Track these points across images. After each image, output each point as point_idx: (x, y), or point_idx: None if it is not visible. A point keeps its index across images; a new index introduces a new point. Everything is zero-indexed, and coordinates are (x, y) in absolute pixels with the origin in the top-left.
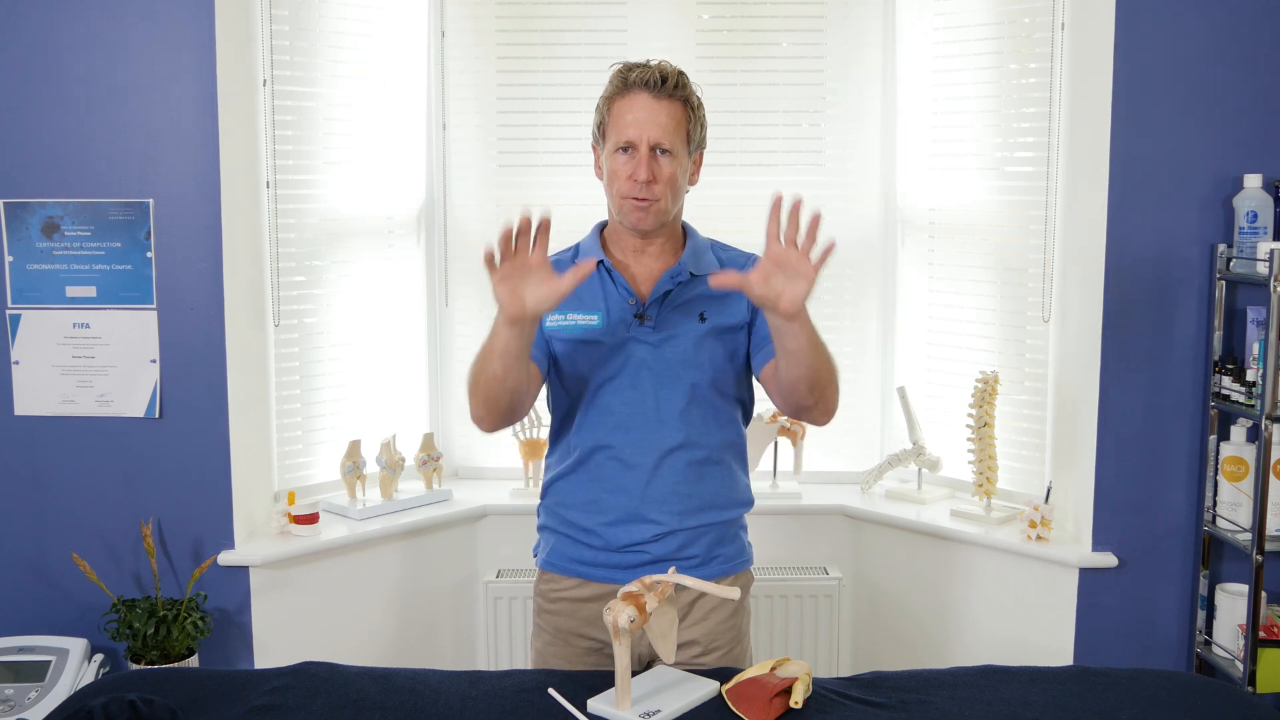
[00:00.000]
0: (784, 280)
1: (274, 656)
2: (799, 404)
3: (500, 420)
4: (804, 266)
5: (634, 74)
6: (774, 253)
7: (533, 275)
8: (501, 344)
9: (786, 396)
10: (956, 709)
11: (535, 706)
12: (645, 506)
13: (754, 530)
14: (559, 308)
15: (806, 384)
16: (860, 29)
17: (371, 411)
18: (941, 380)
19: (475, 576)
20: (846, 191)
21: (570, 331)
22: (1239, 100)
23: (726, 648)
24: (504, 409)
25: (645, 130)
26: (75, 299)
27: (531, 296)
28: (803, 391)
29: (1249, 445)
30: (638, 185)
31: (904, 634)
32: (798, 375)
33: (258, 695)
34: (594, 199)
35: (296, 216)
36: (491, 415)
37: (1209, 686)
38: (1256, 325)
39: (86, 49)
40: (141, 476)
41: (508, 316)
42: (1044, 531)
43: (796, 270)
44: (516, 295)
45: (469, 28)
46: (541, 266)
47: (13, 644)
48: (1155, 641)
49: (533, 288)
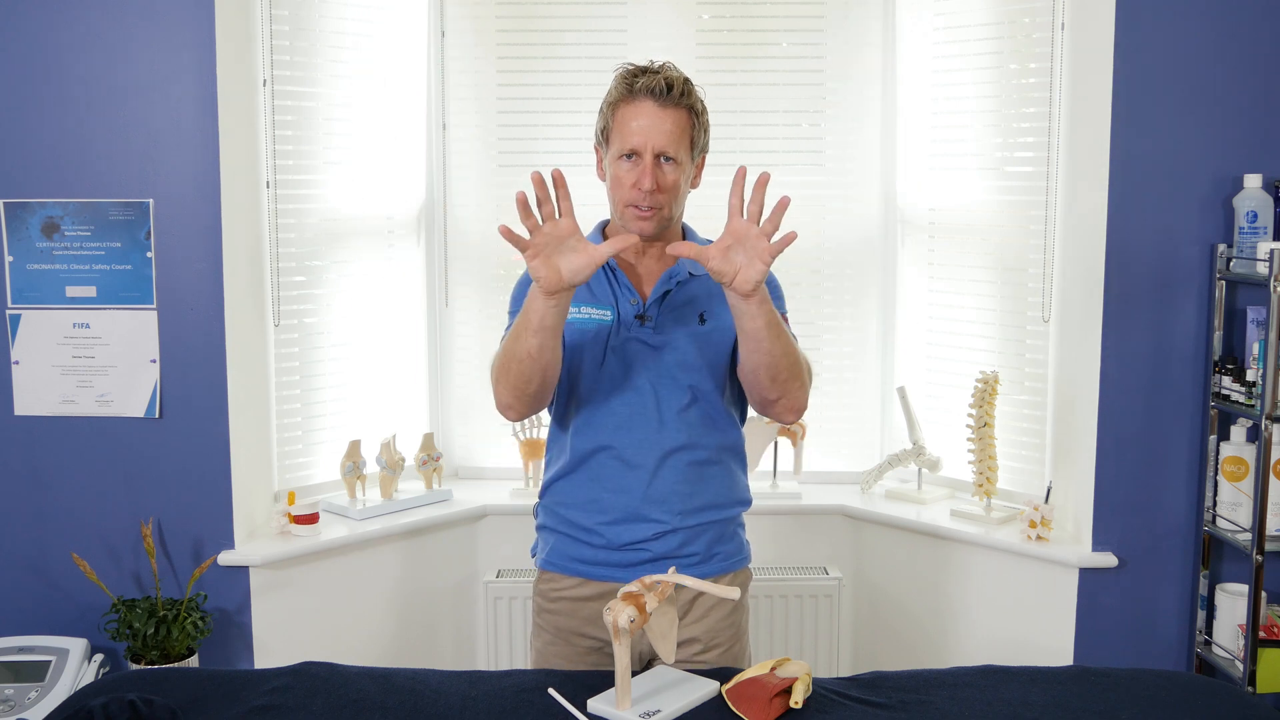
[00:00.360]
0: (743, 257)
1: (274, 656)
2: (762, 396)
3: (530, 404)
4: (761, 246)
5: (639, 81)
6: (735, 227)
7: (566, 243)
8: (538, 319)
9: (750, 388)
10: (956, 709)
11: (535, 706)
12: (646, 506)
13: (754, 530)
14: (574, 300)
15: (767, 374)
16: (860, 29)
17: (371, 411)
18: (941, 380)
19: (475, 576)
20: (846, 191)
21: (585, 324)
22: (1239, 100)
23: (726, 645)
24: (535, 390)
25: (650, 139)
26: (75, 299)
27: (567, 267)
28: (765, 382)
29: (1249, 445)
30: (642, 194)
31: (904, 634)
32: (757, 363)
33: (258, 695)
34: (594, 199)
35: (296, 216)
36: (521, 399)
37: (1209, 686)
38: (1256, 325)
39: (86, 49)
40: (141, 476)
41: (546, 289)
42: (1044, 531)
43: (754, 249)
44: (552, 266)
45: (469, 28)
46: (574, 233)
47: (13, 644)
48: (1155, 641)
49: (567, 257)
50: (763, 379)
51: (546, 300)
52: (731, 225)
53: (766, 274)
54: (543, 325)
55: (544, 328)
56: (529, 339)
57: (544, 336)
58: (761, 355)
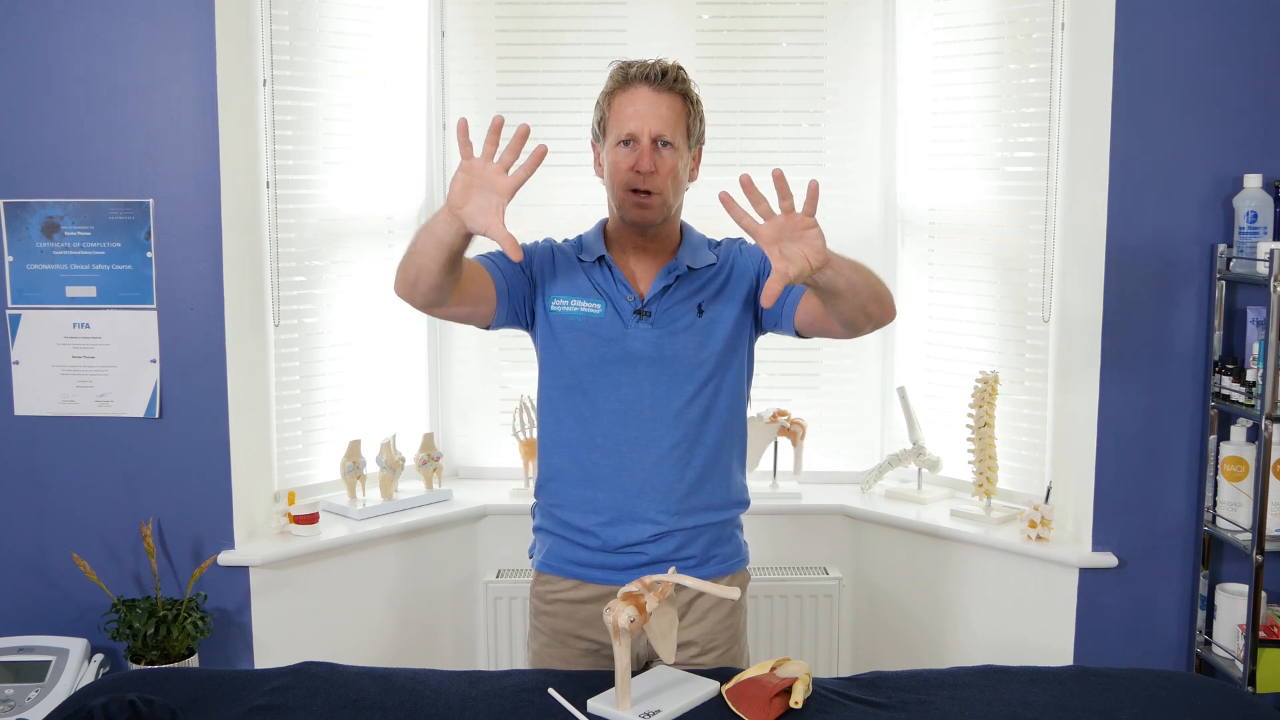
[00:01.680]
0: (797, 246)
1: (274, 656)
2: (866, 321)
3: (412, 292)
4: (800, 220)
5: (634, 68)
6: (765, 234)
7: (488, 188)
8: (435, 223)
9: (850, 324)
10: (956, 709)
11: (535, 706)
12: (641, 505)
13: (753, 530)
14: (564, 293)
15: (871, 296)
16: (860, 29)
17: (371, 411)
18: (941, 380)
19: (475, 576)
20: (846, 191)
21: (574, 317)
22: (1239, 100)
23: (724, 647)
24: (412, 281)
25: (646, 122)
26: (75, 299)
27: (472, 204)
28: (872, 307)
29: (1249, 445)
30: (639, 177)
31: (904, 634)
32: (864, 298)
33: (258, 695)
34: (594, 199)
35: (296, 216)
36: (404, 284)
37: (1209, 686)
38: (1256, 325)
39: (86, 49)
40: (141, 476)
41: (449, 205)
42: (1044, 531)
43: (797, 229)
44: (467, 194)
45: (469, 28)
46: (498, 187)
47: (13, 644)
48: (1155, 641)
49: (478, 199)
50: (869, 307)
51: (449, 215)
52: (761, 236)
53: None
54: (432, 232)
55: (433, 234)
56: (422, 237)
57: (430, 242)
58: (862, 294)
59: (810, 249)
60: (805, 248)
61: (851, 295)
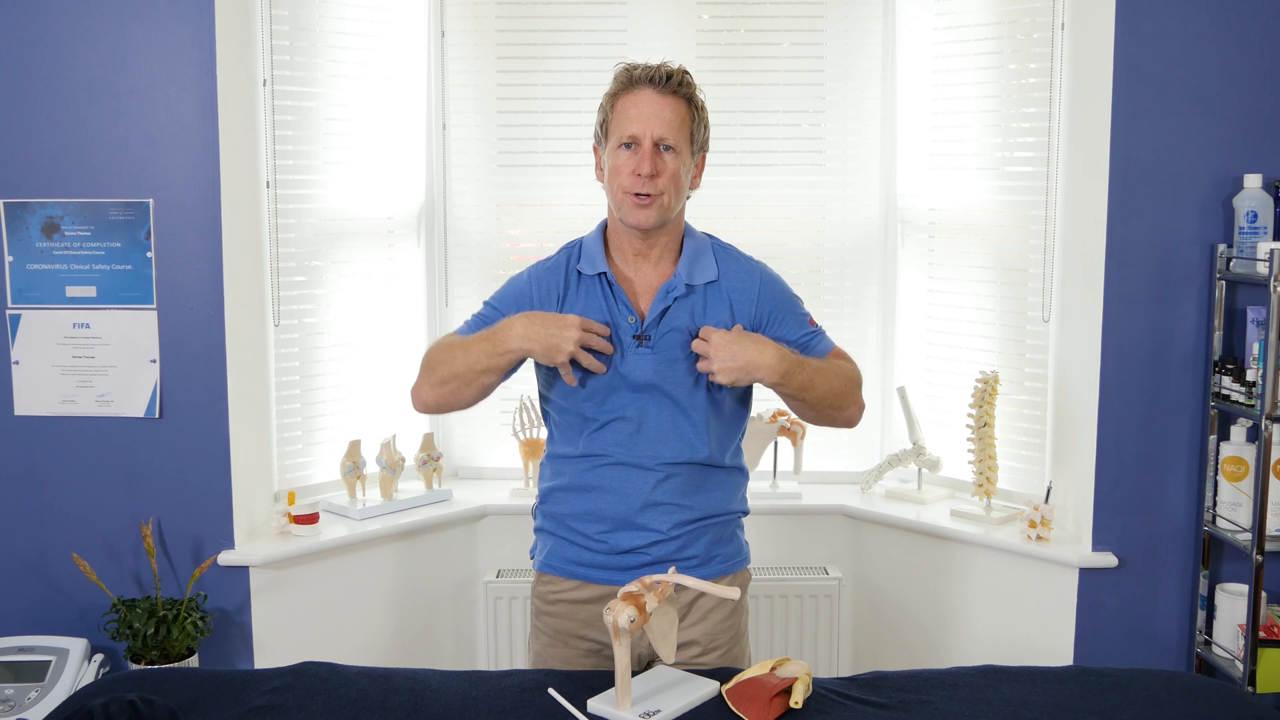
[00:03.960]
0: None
1: (274, 656)
2: (830, 419)
3: (437, 411)
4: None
5: (638, 70)
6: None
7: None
8: (487, 364)
9: (815, 420)
10: (956, 709)
11: (535, 706)
12: (644, 518)
13: (754, 530)
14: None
15: (830, 405)
16: (860, 29)
17: (371, 411)
18: (941, 380)
19: (475, 576)
20: (846, 191)
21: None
22: (1239, 100)
23: (725, 647)
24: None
25: (649, 125)
26: (75, 299)
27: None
28: (829, 413)
29: (1249, 445)
30: (640, 180)
31: (904, 634)
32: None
33: (258, 695)
34: (594, 199)
35: (296, 216)
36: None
37: (1209, 686)
38: (1256, 325)
39: (86, 49)
40: (141, 476)
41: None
42: (1044, 531)
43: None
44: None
45: (469, 28)
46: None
47: (13, 644)
48: (1155, 641)
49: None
50: (827, 413)
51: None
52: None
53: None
54: (494, 364)
55: (494, 366)
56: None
57: (491, 375)
58: (819, 401)
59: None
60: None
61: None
